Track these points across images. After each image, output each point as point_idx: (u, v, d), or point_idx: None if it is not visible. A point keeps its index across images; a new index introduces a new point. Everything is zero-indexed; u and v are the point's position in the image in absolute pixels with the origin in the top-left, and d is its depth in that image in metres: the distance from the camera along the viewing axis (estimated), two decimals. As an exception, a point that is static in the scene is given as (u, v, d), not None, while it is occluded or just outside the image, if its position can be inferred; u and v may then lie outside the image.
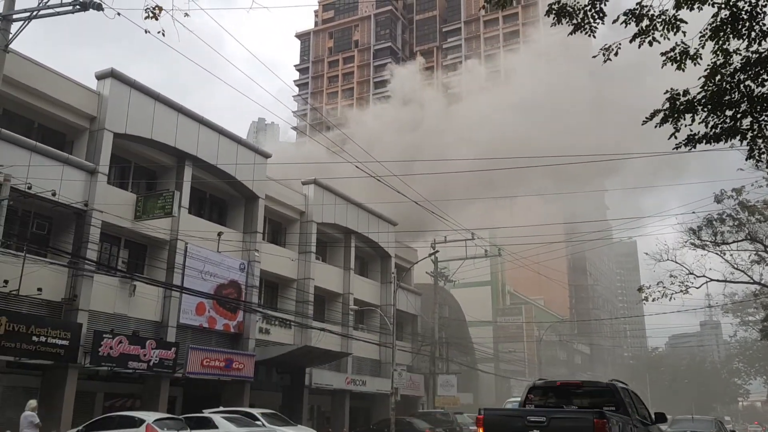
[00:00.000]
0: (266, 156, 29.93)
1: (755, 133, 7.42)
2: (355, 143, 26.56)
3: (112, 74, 22.27)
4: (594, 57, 8.09)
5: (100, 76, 22.41)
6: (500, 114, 62.77)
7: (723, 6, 7.33)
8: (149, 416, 16.63)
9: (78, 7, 12.35)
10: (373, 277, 37.98)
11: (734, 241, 33.88)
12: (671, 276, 33.63)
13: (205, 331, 25.42)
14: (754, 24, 7.25)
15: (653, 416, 11.37)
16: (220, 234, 26.04)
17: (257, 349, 27.16)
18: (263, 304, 29.64)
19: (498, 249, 40.51)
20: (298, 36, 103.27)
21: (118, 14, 10.54)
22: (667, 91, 7.70)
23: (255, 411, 20.90)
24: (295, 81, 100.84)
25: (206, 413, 19.45)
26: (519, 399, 12.38)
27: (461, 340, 44.09)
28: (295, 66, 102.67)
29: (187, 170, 25.01)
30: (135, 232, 23.09)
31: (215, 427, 17.98)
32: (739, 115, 7.33)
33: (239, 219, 28.35)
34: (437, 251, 34.21)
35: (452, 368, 39.51)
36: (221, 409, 21.18)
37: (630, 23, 7.50)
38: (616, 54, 7.90)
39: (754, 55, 7.30)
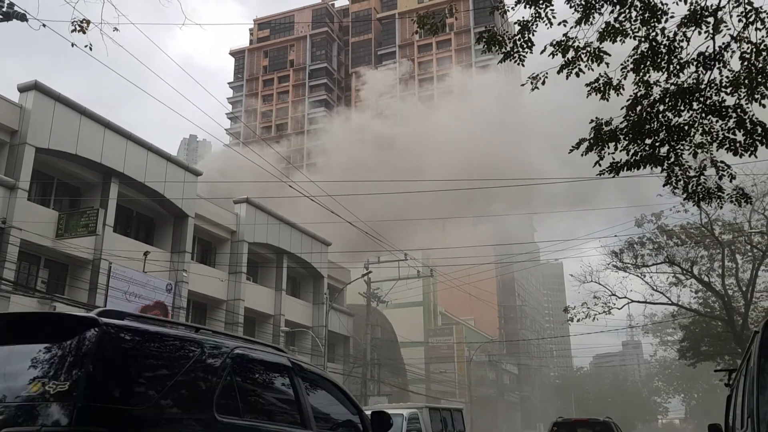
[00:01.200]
0: (196, 174, 29.35)
1: (672, 161, 7.80)
2: (292, 164, 26.40)
3: (36, 87, 21.45)
4: (522, 85, 8.34)
5: (23, 89, 21.54)
6: (436, 139, 63.89)
7: (643, 39, 7.71)
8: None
9: (1, 17, 11.87)
10: (305, 298, 37.63)
11: (654, 264, 35.41)
12: (595, 297, 34.85)
13: (129, 353, 24.49)
14: (672, 57, 7.66)
15: None
16: (146, 253, 25.29)
17: (184, 372, 26.35)
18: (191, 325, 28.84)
19: (430, 270, 40.91)
20: (233, 53, 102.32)
21: (44, 26, 10.18)
22: (592, 120, 8.01)
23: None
24: (228, 98, 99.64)
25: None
26: None
27: (393, 361, 44.10)
28: (228, 83, 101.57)
29: (113, 187, 24.23)
30: (56, 251, 22.15)
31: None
32: (657, 144, 7.70)
33: (167, 238, 27.62)
34: (370, 272, 34.23)
35: (384, 389, 39.40)
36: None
37: (557, 54, 7.78)
38: (543, 83, 8.17)
39: (672, 87, 7.70)
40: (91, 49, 8.26)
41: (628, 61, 7.85)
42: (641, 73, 7.80)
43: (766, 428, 3.94)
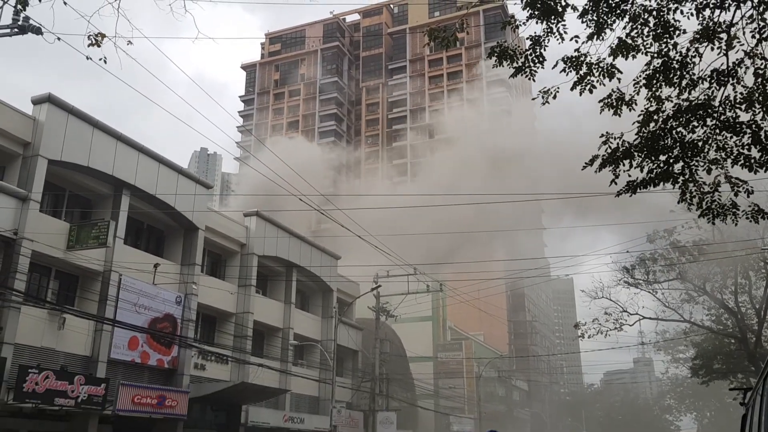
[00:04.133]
0: (207, 186, 29.42)
1: (686, 177, 7.74)
2: (302, 177, 26.46)
3: (49, 99, 21.62)
4: (533, 99, 8.33)
5: (36, 101, 21.71)
6: (448, 158, 64.00)
7: (655, 55, 7.68)
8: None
9: (16, 30, 11.97)
10: (314, 312, 37.54)
11: (665, 280, 35.13)
12: (606, 313, 34.58)
13: (138, 366, 24.48)
14: (684, 73, 7.61)
15: None
16: (156, 265, 25.32)
17: (192, 386, 26.29)
18: (199, 338, 28.83)
19: (440, 284, 40.74)
20: (244, 67, 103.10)
21: (58, 39, 10.27)
22: (602, 135, 7.97)
23: (188, 450, 20.14)
24: (239, 112, 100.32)
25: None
26: None
27: (402, 376, 43.85)
28: (240, 97, 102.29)
29: (125, 199, 24.33)
30: (67, 263, 22.21)
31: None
32: (672, 160, 7.64)
33: (177, 250, 27.66)
34: (380, 286, 34.13)
35: (392, 405, 39.15)
36: (152, 448, 20.32)
37: (570, 71, 7.76)
38: (554, 97, 8.15)
39: (684, 103, 7.65)
40: (105, 62, 8.32)
41: (640, 76, 7.82)
42: (654, 89, 7.76)
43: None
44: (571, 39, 7.57)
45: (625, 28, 7.66)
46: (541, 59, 7.86)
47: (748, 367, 33.46)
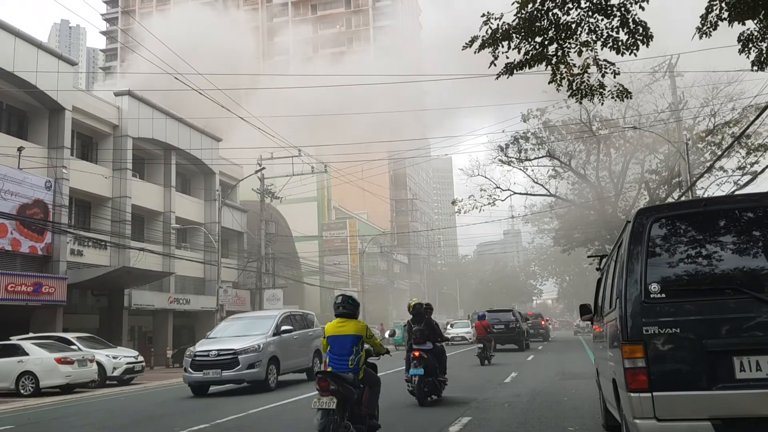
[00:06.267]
0: (72, 63, 27.24)
1: (559, 58, 8.14)
2: (179, 56, 24.95)
3: None
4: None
5: None
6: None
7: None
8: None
9: None
10: (196, 195, 36.85)
11: (536, 158, 37.28)
12: (481, 190, 36.48)
13: (9, 254, 23.40)
14: (562, -46, 7.80)
15: None
16: (20, 149, 23.66)
17: (70, 272, 25.57)
18: (74, 224, 27.70)
19: (324, 166, 40.93)
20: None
21: None
22: (483, 15, 8.12)
23: (69, 335, 19.90)
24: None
25: (15, 340, 18.22)
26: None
27: (287, 255, 44.65)
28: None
29: (-23, 77, 22.14)
30: None
31: (25, 353, 16.96)
32: (546, 42, 7.98)
33: (43, 133, 25.86)
34: (263, 168, 33.80)
35: (279, 282, 40.07)
36: (31, 335, 19.89)
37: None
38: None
39: (561, -16, 7.88)
40: None
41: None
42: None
43: (631, 307, 4.48)
44: None
45: None
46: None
47: (605, 236, 36.95)
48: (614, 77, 8.24)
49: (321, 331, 9.73)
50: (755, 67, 8.40)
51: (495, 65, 8.10)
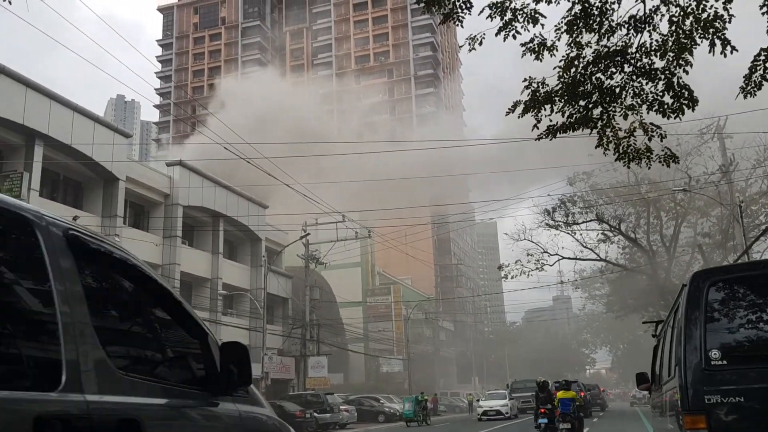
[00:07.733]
0: (126, 135, 28.37)
1: (604, 122, 8.05)
2: (226, 125, 25.79)
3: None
4: (461, 47, 8.39)
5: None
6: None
7: (576, 1, 7.84)
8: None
9: None
10: (242, 261, 37.29)
11: (584, 221, 36.72)
12: (528, 254, 35.95)
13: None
14: (603, 19, 7.83)
15: None
16: (75, 218, 24.40)
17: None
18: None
19: (368, 231, 41.11)
20: (161, 9, 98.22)
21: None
22: (525, 79, 8.13)
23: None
24: (157, 57, 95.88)
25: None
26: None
27: (332, 321, 44.44)
28: (157, 41, 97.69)
29: (38, 150, 23.18)
30: (-23, 217, 21.11)
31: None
32: (591, 105, 7.92)
33: (97, 202, 26.75)
34: (308, 234, 34.12)
35: (323, 349, 39.74)
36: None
37: (495, 17, 7.84)
38: (480, 44, 8.24)
39: (603, 49, 7.89)
40: (10, 2, 7.80)
41: (561, 22, 7.98)
42: (574, 35, 7.95)
43: (692, 375, 4.22)
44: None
45: (548, -26, 7.75)
46: (468, 5, 7.89)
47: (658, 302, 35.71)
48: (661, 140, 8.08)
49: None
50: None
51: (537, 128, 8.05)
